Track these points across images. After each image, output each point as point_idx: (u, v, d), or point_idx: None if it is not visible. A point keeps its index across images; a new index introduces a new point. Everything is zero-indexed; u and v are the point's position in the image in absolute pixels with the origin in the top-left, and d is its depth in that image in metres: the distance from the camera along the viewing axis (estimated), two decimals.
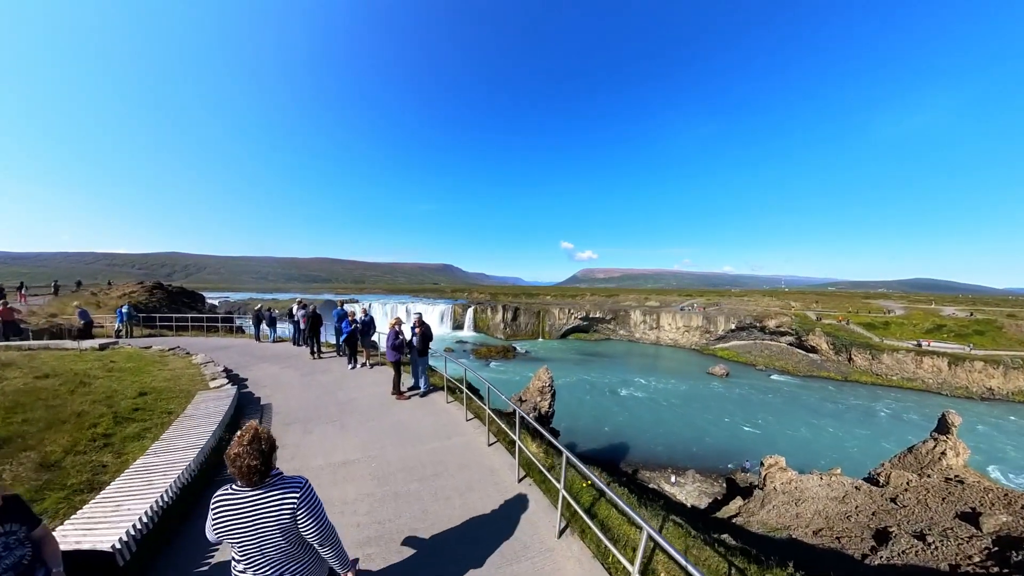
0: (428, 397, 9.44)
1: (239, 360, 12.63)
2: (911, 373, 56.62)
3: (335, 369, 11.70)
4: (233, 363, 12.20)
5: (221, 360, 12.65)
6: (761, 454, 34.00)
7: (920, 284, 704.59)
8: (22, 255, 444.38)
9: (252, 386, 9.81)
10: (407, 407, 8.70)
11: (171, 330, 20.27)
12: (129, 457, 5.54)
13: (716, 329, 69.32)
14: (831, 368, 60.29)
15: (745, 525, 13.49)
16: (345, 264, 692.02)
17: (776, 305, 73.30)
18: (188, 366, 10.52)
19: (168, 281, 46.52)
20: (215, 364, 10.45)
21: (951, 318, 63.10)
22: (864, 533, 10.43)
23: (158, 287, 38.23)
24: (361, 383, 10.30)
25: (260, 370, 11.48)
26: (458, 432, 7.34)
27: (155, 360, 11.29)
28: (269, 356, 13.42)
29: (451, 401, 9.06)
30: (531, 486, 5.49)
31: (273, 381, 10.31)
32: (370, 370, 11.74)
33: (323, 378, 10.68)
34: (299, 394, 9.28)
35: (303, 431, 7.24)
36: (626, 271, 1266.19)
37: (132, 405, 7.47)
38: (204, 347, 14.93)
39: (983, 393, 52.98)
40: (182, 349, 12.68)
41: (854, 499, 13.47)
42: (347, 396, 9.22)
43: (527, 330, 79.82)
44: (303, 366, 11.98)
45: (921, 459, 17.28)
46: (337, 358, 13.15)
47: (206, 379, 9.20)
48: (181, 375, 9.67)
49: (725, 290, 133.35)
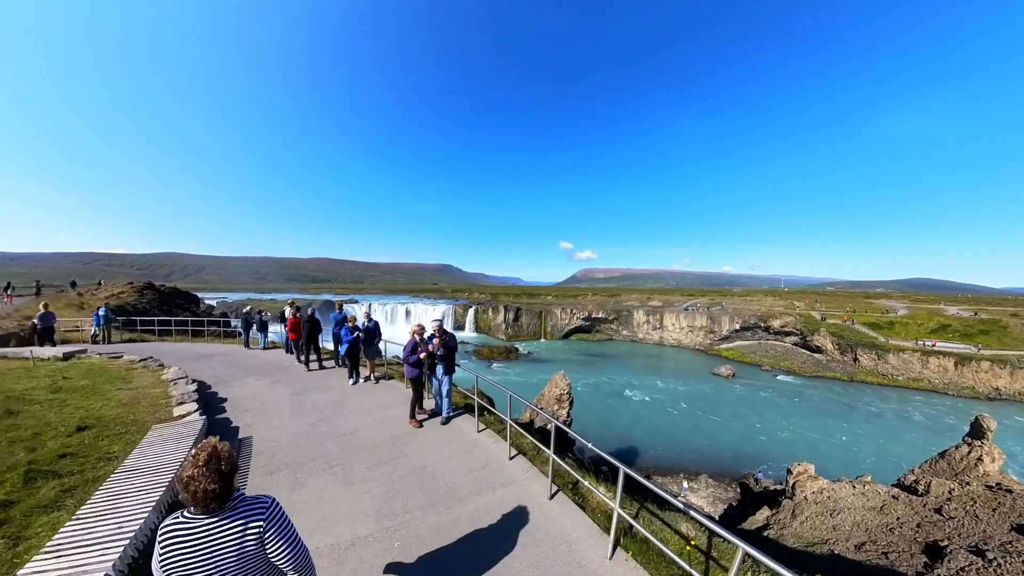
0: (452, 423, 7.45)
1: (221, 372, 10.61)
2: (917, 373, 55.38)
3: (334, 384, 9.71)
4: (214, 376, 10.20)
5: (201, 372, 10.64)
6: (773, 458, 33.08)
7: (918, 284, 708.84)
8: (19, 255, 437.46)
9: (231, 409, 7.81)
10: (429, 440, 6.71)
11: (156, 334, 18.13)
12: (31, 547, 3.55)
13: (720, 329, 67.73)
14: (837, 368, 58.92)
15: (779, 538, 12.31)
16: (344, 264, 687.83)
17: (780, 305, 71.84)
18: (155, 383, 8.48)
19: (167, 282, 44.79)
20: (187, 381, 8.41)
21: (955, 318, 61.89)
22: (912, 548, 9.42)
23: (149, 287, 35.95)
24: (366, 405, 8.31)
25: (244, 386, 9.46)
26: (504, 478, 5.39)
27: (118, 375, 9.24)
28: (257, 367, 11.39)
29: (483, 429, 7.07)
30: (629, 562, 3.59)
31: (258, 402, 8.29)
32: (375, 386, 9.75)
33: (319, 398, 8.68)
34: (289, 422, 7.27)
35: (292, 483, 5.25)
36: (626, 271, 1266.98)
37: (61, 448, 5.43)
38: (185, 355, 12.90)
39: (989, 393, 51.88)
40: (156, 360, 10.62)
41: (894, 509, 12.28)
42: (350, 425, 7.22)
43: (529, 331, 77.89)
44: (296, 380, 9.98)
45: (955, 465, 15.97)
46: (336, 370, 11.17)
47: (171, 403, 7.19)
48: (142, 397, 7.64)
49: (726, 290, 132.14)
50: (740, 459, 32.41)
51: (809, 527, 12.82)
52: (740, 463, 31.78)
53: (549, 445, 4.79)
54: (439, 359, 7.40)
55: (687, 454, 33.09)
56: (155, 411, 6.88)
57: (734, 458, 32.63)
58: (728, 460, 32.26)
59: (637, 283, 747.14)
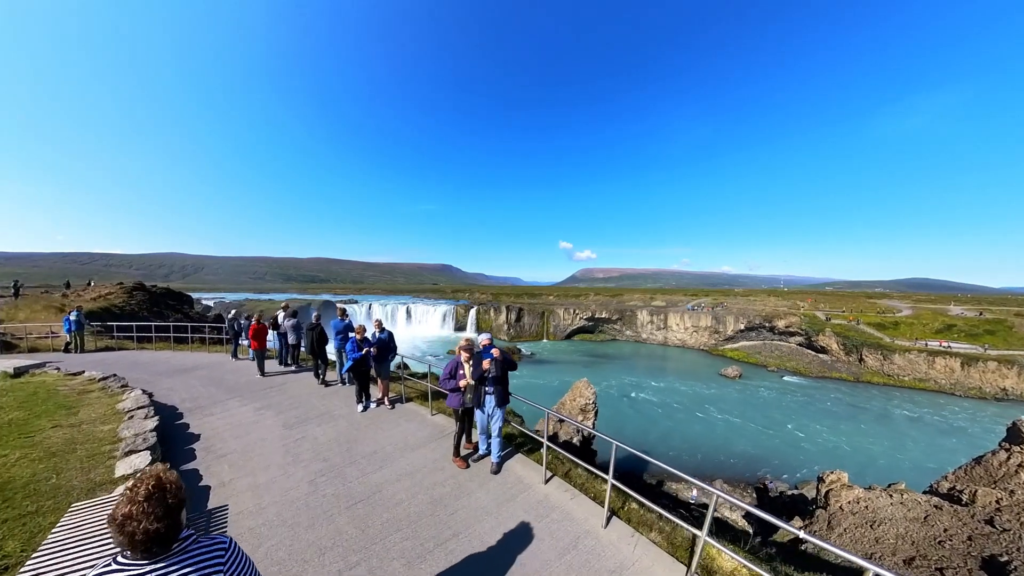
0: (506, 469, 5.49)
1: (199, 393, 8.51)
2: (923, 374, 54.20)
3: (339, 410, 7.66)
4: (188, 399, 8.12)
5: (174, 392, 8.55)
6: (787, 462, 31.37)
7: (917, 284, 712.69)
8: (17, 255, 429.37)
9: (203, 455, 5.75)
10: (484, 502, 4.72)
11: (135, 341, 15.88)
12: None
13: (725, 329, 66.06)
14: (842, 369, 57.57)
15: (819, 553, 11.03)
16: (343, 264, 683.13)
17: (784, 305, 70.37)
18: (107, 415, 6.40)
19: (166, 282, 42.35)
20: (148, 413, 6.32)
21: (960, 318, 60.71)
22: (969, 563, 8.59)
23: (139, 288, 33.53)
24: (385, 443, 6.27)
25: (224, 414, 7.37)
26: (612, 562, 3.41)
27: (65, 402, 7.14)
28: (244, 385, 9.30)
29: (552, 477, 5.11)
30: None
31: (240, 441, 6.21)
32: (391, 412, 7.72)
33: (321, 432, 6.62)
34: (281, 477, 5.19)
35: None
36: (625, 271, 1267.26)
37: None
38: (161, 368, 10.79)
39: (996, 393, 50.75)
40: (119, 379, 8.50)
41: (939, 521, 11.12)
42: (368, 480, 5.16)
43: (531, 331, 75.87)
44: (290, 405, 7.90)
45: (993, 472, 14.72)
46: (338, 388, 9.13)
47: (118, 450, 5.13)
48: (81, 440, 5.55)
49: (728, 289, 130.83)
50: (754, 463, 30.86)
51: (849, 540, 11.76)
52: (754, 467, 30.22)
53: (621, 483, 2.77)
54: (490, 383, 5.40)
55: (698, 458, 31.48)
56: (91, 467, 4.80)
57: (747, 462, 31.08)
58: (741, 464, 30.69)
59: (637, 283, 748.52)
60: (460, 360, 5.62)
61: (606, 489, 4.27)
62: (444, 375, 5.54)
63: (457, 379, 5.51)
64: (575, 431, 18.18)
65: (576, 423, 5.53)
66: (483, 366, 5.29)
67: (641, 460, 28.20)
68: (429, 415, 7.59)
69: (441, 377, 5.58)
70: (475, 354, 5.60)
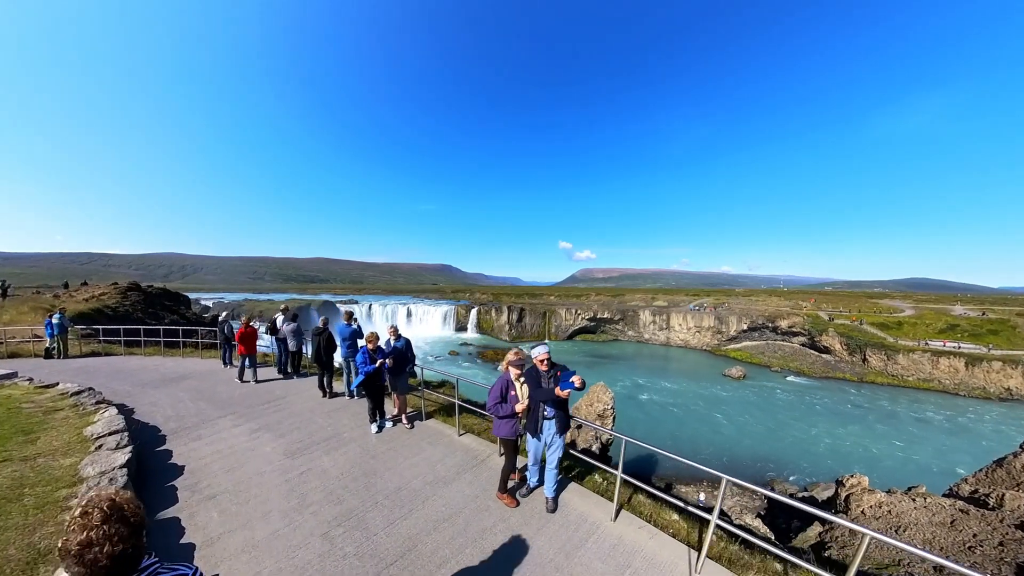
0: (564, 505, 4.49)
1: (186, 410, 7.31)
2: (927, 374, 53.52)
3: (349, 431, 6.49)
4: (174, 417, 6.93)
5: (158, 408, 7.36)
6: (795, 463, 30.27)
7: (916, 284, 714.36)
8: (16, 255, 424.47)
9: (186, 495, 4.56)
10: (546, 552, 3.70)
11: (123, 345, 14.58)
12: None
13: (728, 330, 65.16)
14: (846, 369, 56.80)
15: (844, 559, 10.25)
16: (343, 264, 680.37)
17: (786, 305, 69.55)
18: (72, 443, 5.21)
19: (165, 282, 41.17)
20: (120, 439, 5.12)
21: (963, 318, 60.05)
22: (1004, 570, 8.03)
23: (134, 288, 32.13)
24: (410, 476, 5.11)
25: (213, 437, 6.17)
26: None
27: (26, 425, 5.93)
28: (237, 398, 8.08)
29: (619, 510, 4.05)
30: None
31: (232, 476, 5.01)
32: (410, 432, 6.56)
33: (330, 461, 5.45)
34: (284, 528, 4.00)
35: None
36: (625, 271, 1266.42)
37: None
38: (147, 378, 9.57)
39: (1000, 393, 50.15)
40: (95, 394, 7.29)
41: (967, 525, 10.34)
42: (397, 532, 3.99)
43: (533, 331, 74.75)
44: (292, 425, 6.72)
45: (1015, 475, 14.05)
46: (345, 401, 7.96)
47: (79, 493, 3.96)
48: (35, 480, 4.34)
49: (729, 289, 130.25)
50: (762, 465, 30.02)
51: (875, 546, 11.00)
52: (763, 469, 29.38)
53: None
54: (550, 407, 4.34)
55: (705, 459, 30.75)
56: (36, 525, 3.61)
57: (756, 464, 30.20)
58: (749, 466, 29.77)
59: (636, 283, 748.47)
60: (510, 378, 4.49)
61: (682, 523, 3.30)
62: (492, 398, 4.41)
63: (510, 402, 4.38)
64: (594, 437, 17.08)
65: (643, 443, 4.43)
66: (561, 395, 4.17)
67: (651, 458, 27.31)
68: (456, 436, 6.45)
69: (489, 401, 4.46)
70: (527, 371, 4.49)
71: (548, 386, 4.35)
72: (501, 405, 4.39)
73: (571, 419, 4.75)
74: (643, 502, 4.87)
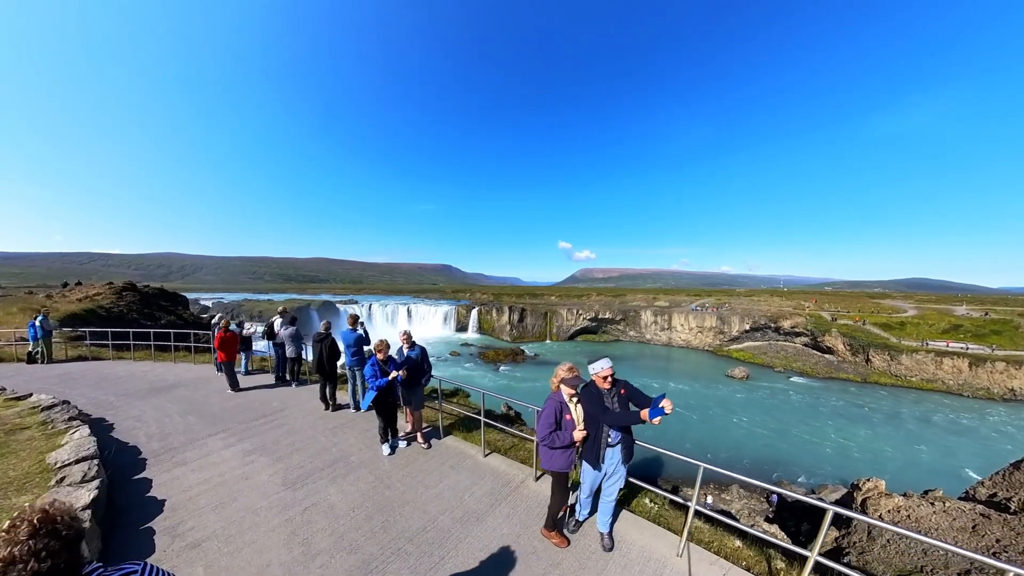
0: (623, 539, 3.82)
1: (172, 426, 6.43)
2: (931, 374, 52.98)
3: (357, 453, 5.61)
4: (159, 434, 6.06)
5: (142, 423, 6.49)
6: (801, 464, 29.20)
7: (915, 284, 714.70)
8: (15, 255, 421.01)
9: (165, 539, 3.69)
10: None
11: (118, 348, 13.66)
12: None
13: (730, 330, 64.46)
14: (849, 369, 56.22)
15: (866, 565, 9.64)
16: (343, 264, 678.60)
17: (788, 305, 68.91)
18: (31, 473, 4.35)
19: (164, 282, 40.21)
20: (88, 470, 4.26)
21: (966, 318, 59.52)
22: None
23: (129, 288, 31.10)
24: (434, 508, 4.26)
25: (202, 460, 5.27)
26: None
27: None
28: (230, 411, 7.21)
29: (686, 542, 3.28)
30: None
31: (222, 514, 4.13)
32: (427, 452, 5.71)
33: (338, 493, 4.58)
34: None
35: None
36: (624, 271, 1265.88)
37: None
38: (134, 387, 8.68)
39: (1004, 394, 49.64)
40: (69, 408, 6.41)
41: (989, 530, 9.72)
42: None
43: (534, 332, 73.90)
44: (291, 445, 5.84)
45: None
46: (351, 415, 7.09)
47: None
48: None
49: (731, 289, 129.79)
50: (769, 466, 29.45)
51: (895, 552, 10.30)
52: (770, 471, 28.74)
53: None
54: (615, 432, 3.63)
55: (712, 461, 30.14)
56: None
57: (762, 466, 29.59)
58: (756, 468, 29.20)
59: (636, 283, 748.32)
60: (563, 400, 3.66)
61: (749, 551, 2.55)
62: (544, 426, 3.58)
63: (566, 429, 3.57)
64: None
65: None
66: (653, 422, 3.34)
67: (656, 459, 26.49)
68: (480, 456, 5.61)
69: (540, 430, 3.63)
70: (585, 390, 3.68)
71: (613, 406, 3.57)
72: (557, 434, 3.56)
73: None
74: (700, 527, 4.19)
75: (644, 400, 3.81)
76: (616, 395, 3.67)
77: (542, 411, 3.72)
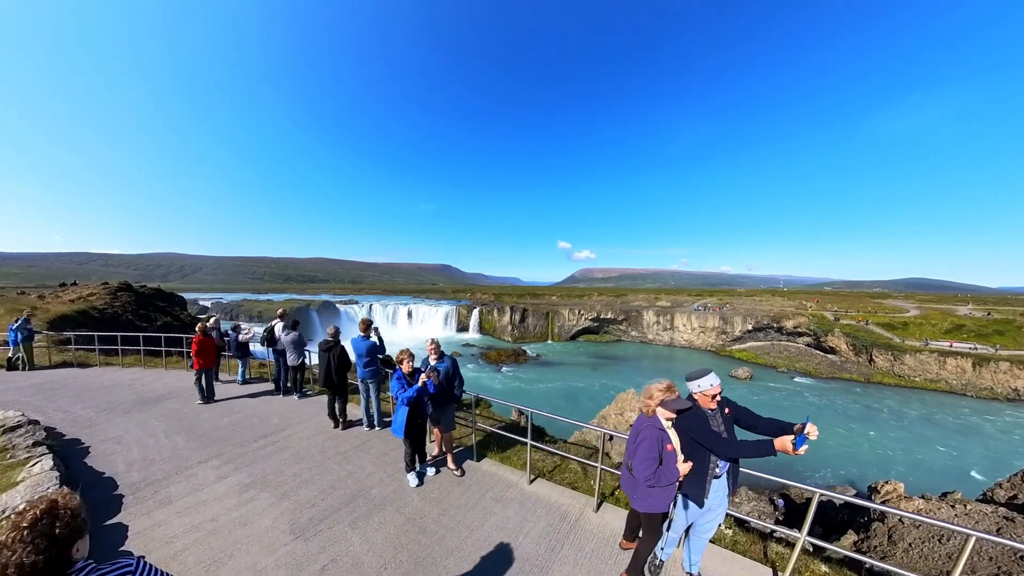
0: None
1: (158, 448, 5.43)
2: (934, 374, 52.46)
3: (377, 479, 4.66)
4: (141, 460, 5.08)
5: (123, 446, 5.51)
6: (807, 466, 29.07)
7: (915, 283, 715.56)
8: (15, 255, 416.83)
9: None
10: None
11: (106, 353, 12.62)
12: None
13: (733, 330, 63.74)
14: (852, 369, 55.63)
15: (888, 571, 8.81)
16: (342, 264, 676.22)
17: (790, 305, 68.30)
18: None
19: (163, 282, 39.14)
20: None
21: (969, 318, 59.04)
22: None
23: (125, 288, 30.02)
24: (486, 565, 3.31)
25: (190, 498, 4.26)
26: None
27: None
28: (225, 431, 6.21)
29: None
30: None
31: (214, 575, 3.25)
32: (460, 480, 4.78)
33: (361, 542, 3.61)
34: None
35: None
36: (624, 271, 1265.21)
37: None
38: (119, 399, 7.70)
39: (1008, 394, 49.19)
40: (36, 430, 5.43)
41: (1014, 533, 9.30)
42: None
43: (536, 332, 72.97)
44: (297, 476, 4.86)
45: None
46: (364, 435, 6.09)
47: None
48: None
49: (731, 289, 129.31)
50: (777, 468, 29.46)
51: (919, 556, 9.70)
52: (777, 472, 28.57)
53: None
54: (724, 460, 2.98)
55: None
56: None
57: (770, 467, 29.52)
58: (764, 469, 29.08)
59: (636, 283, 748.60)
60: (662, 427, 2.80)
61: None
62: (648, 462, 2.70)
63: (668, 462, 2.72)
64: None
65: None
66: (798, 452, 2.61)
67: None
68: (525, 483, 4.68)
69: (643, 468, 2.73)
70: (690, 414, 2.84)
71: (720, 431, 2.88)
72: (662, 470, 2.71)
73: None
74: (780, 552, 3.65)
75: (756, 421, 3.04)
76: (721, 416, 3.00)
77: (637, 442, 2.85)
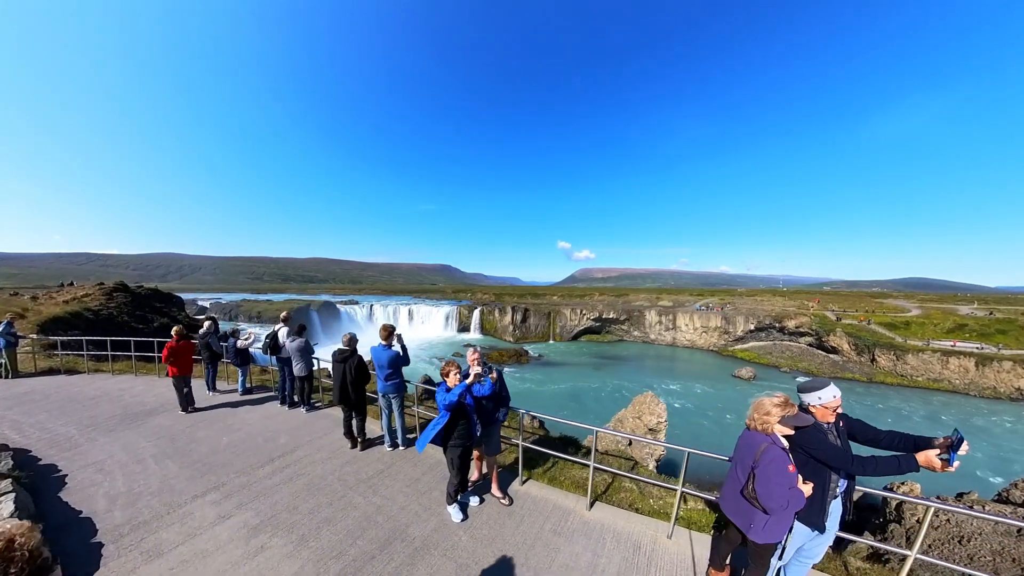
0: None
1: (146, 476, 4.57)
2: (937, 374, 52.10)
3: (414, 518, 3.83)
4: (125, 492, 4.22)
5: (105, 474, 4.66)
6: None
7: (915, 283, 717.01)
8: (14, 255, 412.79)
9: None
10: None
11: (96, 359, 11.73)
12: None
13: (735, 330, 63.20)
14: (854, 369, 55.19)
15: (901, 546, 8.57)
16: (342, 264, 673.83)
17: (792, 305, 67.83)
18: None
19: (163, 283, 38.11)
20: None
21: (971, 317, 58.68)
22: None
23: (121, 289, 29.02)
24: None
25: (184, 550, 3.40)
26: None
27: None
28: (224, 456, 5.33)
29: None
30: None
31: None
32: (511, 512, 3.95)
33: None
34: None
35: None
36: (624, 270, 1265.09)
37: None
38: (105, 412, 6.83)
39: (1011, 393, 48.85)
40: (4, 455, 4.60)
41: None
42: None
43: (537, 332, 72.19)
44: (316, 514, 4.00)
45: None
46: (386, 455, 5.26)
47: None
48: None
49: (732, 289, 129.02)
50: None
51: (938, 557, 9.19)
52: None
53: None
54: (845, 479, 2.64)
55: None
56: None
57: None
58: None
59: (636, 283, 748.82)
60: (784, 446, 2.17)
61: None
62: (784, 487, 2.02)
63: (789, 483, 2.05)
64: (648, 454, 14.49)
65: None
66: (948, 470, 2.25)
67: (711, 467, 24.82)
68: (585, 509, 3.88)
69: (775, 498, 2.08)
70: (809, 431, 2.18)
71: (838, 443, 2.57)
72: (794, 492, 2.08)
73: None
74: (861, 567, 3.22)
75: (876, 435, 2.66)
76: (837, 430, 2.70)
77: (763, 465, 2.19)
